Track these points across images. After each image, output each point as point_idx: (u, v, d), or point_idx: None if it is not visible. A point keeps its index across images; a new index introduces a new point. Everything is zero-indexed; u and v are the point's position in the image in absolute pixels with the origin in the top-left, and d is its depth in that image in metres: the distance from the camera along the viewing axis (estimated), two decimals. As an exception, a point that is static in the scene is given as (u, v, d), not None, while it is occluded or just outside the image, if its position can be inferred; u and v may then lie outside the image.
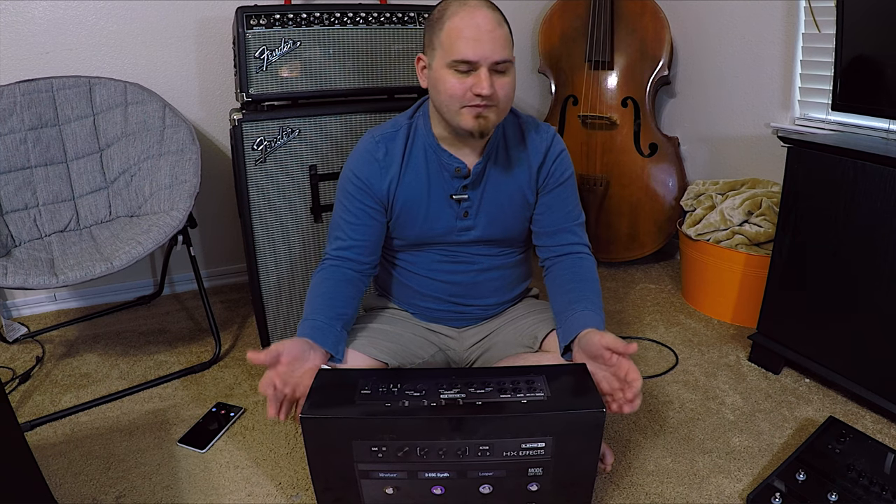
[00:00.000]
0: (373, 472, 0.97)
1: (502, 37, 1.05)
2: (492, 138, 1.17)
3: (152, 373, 1.74)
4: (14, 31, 1.80)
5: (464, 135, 1.11)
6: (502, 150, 1.20)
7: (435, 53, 1.08)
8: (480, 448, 0.95)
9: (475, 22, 1.03)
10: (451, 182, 1.18)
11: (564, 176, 1.23)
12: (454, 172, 1.17)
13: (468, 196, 1.19)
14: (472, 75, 1.04)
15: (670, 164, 2.28)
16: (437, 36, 1.07)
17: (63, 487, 1.29)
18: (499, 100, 1.07)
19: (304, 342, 1.05)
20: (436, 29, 1.08)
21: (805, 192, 1.54)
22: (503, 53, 1.04)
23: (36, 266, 1.52)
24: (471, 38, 1.02)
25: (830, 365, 1.56)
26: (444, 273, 1.25)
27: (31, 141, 1.73)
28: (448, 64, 1.05)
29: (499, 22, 1.05)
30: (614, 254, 2.42)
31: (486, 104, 1.05)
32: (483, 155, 1.17)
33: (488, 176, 1.19)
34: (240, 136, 1.57)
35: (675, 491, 1.27)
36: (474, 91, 1.04)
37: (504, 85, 1.07)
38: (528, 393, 0.97)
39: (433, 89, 1.11)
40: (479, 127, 1.07)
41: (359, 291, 1.20)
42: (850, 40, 1.52)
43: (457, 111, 1.07)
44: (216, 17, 2.00)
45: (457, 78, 1.05)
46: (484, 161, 1.17)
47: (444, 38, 1.05)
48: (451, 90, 1.06)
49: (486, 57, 1.03)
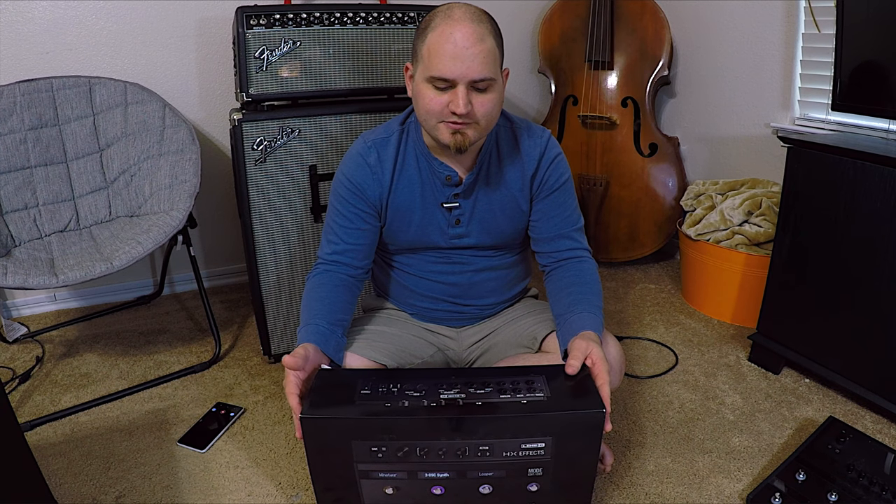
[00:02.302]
0: (373, 472, 0.97)
1: (483, 53, 1.00)
2: (484, 147, 1.16)
3: (152, 373, 1.74)
4: (14, 31, 1.80)
5: (444, 149, 1.09)
6: (495, 158, 1.18)
7: (417, 66, 1.06)
8: (480, 448, 0.95)
9: (454, 38, 0.99)
10: (443, 190, 1.17)
11: (560, 181, 1.21)
12: (445, 181, 1.16)
13: (459, 204, 1.18)
14: (449, 92, 1.02)
15: (670, 164, 2.28)
16: (420, 48, 1.04)
17: (63, 487, 1.29)
18: (477, 118, 1.04)
19: (315, 349, 1.05)
20: (420, 40, 1.05)
21: (805, 192, 1.54)
22: (482, 71, 1.00)
23: (36, 266, 1.52)
24: (448, 56, 0.99)
25: (830, 365, 1.56)
26: (441, 274, 1.25)
27: (31, 141, 1.73)
28: (426, 79, 1.03)
29: (481, 37, 1.00)
30: (614, 254, 2.42)
31: (463, 122, 1.03)
32: (475, 164, 1.16)
33: (480, 185, 1.18)
34: (240, 136, 1.57)
35: (675, 491, 1.27)
36: (450, 109, 1.02)
37: (484, 103, 1.03)
38: (528, 393, 0.97)
39: (414, 101, 1.09)
40: (455, 143, 1.05)
41: (354, 297, 1.20)
42: (850, 40, 1.52)
43: (434, 126, 1.06)
44: (216, 17, 2.00)
45: (435, 93, 1.03)
46: (476, 171, 1.16)
47: (425, 52, 1.03)
48: (429, 105, 1.04)
49: (463, 75, 1.00)
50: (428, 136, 1.14)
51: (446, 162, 1.15)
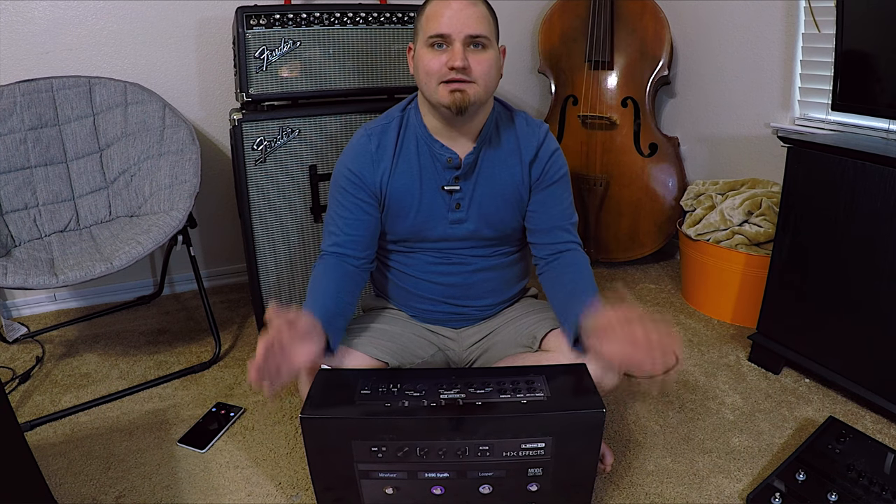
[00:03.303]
0: (373, 472, 0.97)
1: (478, 13, 1.07)
2: (483, 130, 1.18)
3: (152, 373, 1.74)
4: (14, 31, 1.80)
5: (446, 114, 1.11)
6: (494, 141, 1.20)
7: (417, 38, 1.13)
8: (480, 448, 0.95)
9: (450, 4, 1.07)
10: (443, 173, 1.18)
11: (559, 174, 1.23)
12: (446, 163, 1.17)
13: (460, 187, 1.19)
14: (447, 51, 1.07)
15: (670, 164, 2.28)
16: (420, 21, 1.12)
17: (63, 487, 1.29)
18: (475, 75, 1.08)
19: (316, 323, 1.02)
20: (419, 16, 1.13)
21: (805, 192, 1.54)
22: (477, 28, 1.06)
23: (36, 266, 1.52)
24: (444, 15, 1.06)
25: (830, 365, 1.56)
26: (439, 275, 1.25)
27: (31, 141, 1.73)
28: (425, 42, 1.09)
29: (474, 3, 1.08)
30: (614, 254, 2.42)
31: (461, 78, 1.06)
32: (475, 145, 1.18)
33: (480, 167, 1.20)
34: (240, 136, 1.58)
35: (675, 491, 1.27)
36: (448, 65, 1.06)
37: (482, 61, 1.08)
38: (528, 393, 0.97)
39: (416, 72, 1.14)
40: (455, 101, 1.08)
41: (358, 288, 1.20)
42: (849, 40, 1.52)
43: (434, 88, 1.09)
44: (216, 17, 2.00)
45: (433, 54, 1.08)
46: (476, 151, 1.18)
47: (423, 21, 1.10)
48: (428, 66, 1.08)
49: (459, 30, 1.06)
50: (429, 117, 1.17)
51: (447, 144, 1.17)
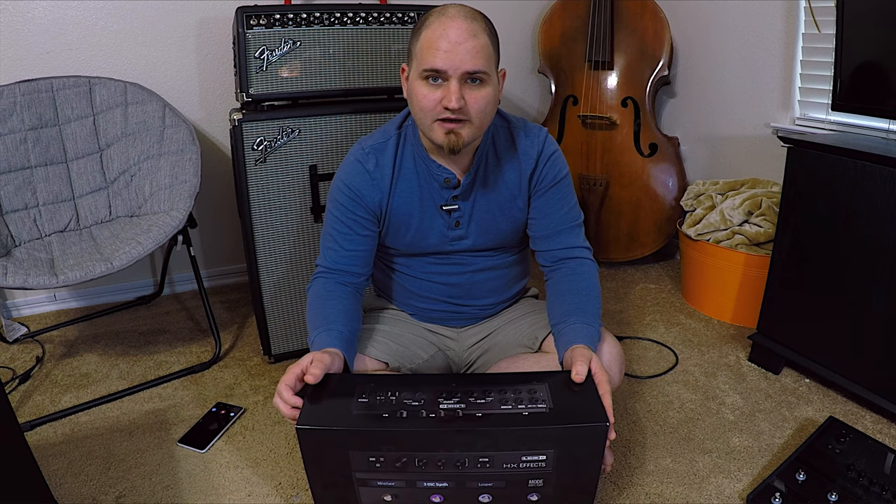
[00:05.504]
0: (371, 480, 0.95)
1: (477, 47, 1.00)
2: (480, 147, 1.15)
3: (152, 373, 1.74)
4: (14, 31, 1.80)
5: (440, 149, 1.08)
6: (493, 158, 1.17)
7: (412, 64, 1.07)
8: (480, 460, 0.92)
9: (448, 34, 0.99)
10: (441, 192, 1.16)
11: (559, 177, 1.19)
12: (443, 183, 1.15)
13: (458, 206, 1.17)
14: (442, 88, 1.01)
15: (670, 164, 2.28)
16: (415, 46, 1.05)
17: (63, 487, 1.29)
18: (471, 114, 1.03)
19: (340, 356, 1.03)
20: (414, 39, 1.06)
21: (805, 192, 1.54)
22: (475, 64, 1.00)
23: (36, 266, 1.52)
24: (441, 49, 0.99)
25: (830, 365, 1.56)
26: (440, 275, 1.25)
27: (31, 141, 1.73)
28: (420, 74, 1.03)
29: (474, 33, 1.00)
30: (614, 254, 2.42)
31: (457, 118, 1.02)
32: (472, 165, 1.15)
33: (478, 186, 1.17)
34: (240, 136, 1.57)
35: (675, 491, 1.27)
36: (444, 104, 1.01)
37: (478, 99, 1.02)
38: (530, 404, 0.94)
39: (409, 101, 1.09)
40: (449, 143, 1.04)
41: (360, 304, 1.19)
42: (849, 40, 1.52)
43: (429, 125, 1.05)
44: (216, 17, 2.00)
45: (428, 89, 1.02)
46: (473, 172, 1.15)
47: (419, 49, 1.03)
48: (422, 102, 1.03)
49: (456, 67, 0.99)
50: (426, 139, 1.13)
51: (444, 164, 1.14)
